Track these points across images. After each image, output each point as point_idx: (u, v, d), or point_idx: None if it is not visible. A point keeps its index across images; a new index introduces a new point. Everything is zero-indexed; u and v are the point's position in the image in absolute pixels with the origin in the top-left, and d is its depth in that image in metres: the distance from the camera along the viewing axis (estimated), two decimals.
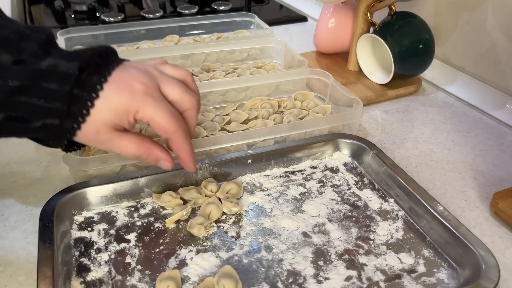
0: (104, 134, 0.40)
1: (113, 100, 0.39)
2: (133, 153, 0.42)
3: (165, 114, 0.41)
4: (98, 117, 0.39)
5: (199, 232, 0.48)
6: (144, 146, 0.43)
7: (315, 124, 0.62)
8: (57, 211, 0.47)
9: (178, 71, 0.46)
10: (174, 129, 0.42)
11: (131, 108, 0.40)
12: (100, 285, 0.43)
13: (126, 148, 0.42)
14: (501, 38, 0.73)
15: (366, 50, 0.81)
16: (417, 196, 0.51)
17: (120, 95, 0.39)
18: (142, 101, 0.40)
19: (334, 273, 0.44)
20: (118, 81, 0.40)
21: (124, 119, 0.40)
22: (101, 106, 0.39)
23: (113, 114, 0.39)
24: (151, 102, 0.40)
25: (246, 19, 1.00)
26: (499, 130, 0.71)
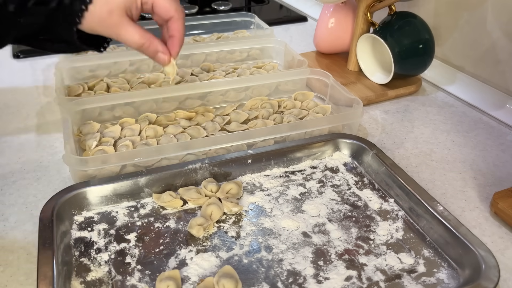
0: (116, 16, 0.43)
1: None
2: (137, 40, 0.45)
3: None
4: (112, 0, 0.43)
5: (198, 233, 0.48)
6: (146, 36, 0.46)
7: (315, 124, 0.62)
8: (57, 211, 0.47)
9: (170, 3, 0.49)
10: (175, 8, 0.46)
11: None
12: (100, 285, 0.43)
13: (131, 35, 0.45)
14: (501, 38, 0.73)
15: (366, 50, 0.81)
16: (417, 196, 0.51)
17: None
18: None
19: (334, 273, 0.44)
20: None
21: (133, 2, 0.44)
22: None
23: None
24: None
25: (246, 19, 1.00)
26: (499, 130, 0.71)
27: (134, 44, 0.45)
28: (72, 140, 0.56)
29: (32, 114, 0.71)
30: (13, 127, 0.67)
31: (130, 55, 0.79)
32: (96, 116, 0.66)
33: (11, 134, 0.66)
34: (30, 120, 0.69)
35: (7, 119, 0.69)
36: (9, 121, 0.69)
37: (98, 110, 0.65)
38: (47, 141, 0.64)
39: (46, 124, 0.68)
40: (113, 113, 0.66)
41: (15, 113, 0.71)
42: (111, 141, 0.60)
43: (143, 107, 0.68)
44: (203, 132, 0.63)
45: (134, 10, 0.45)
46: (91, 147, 0.58)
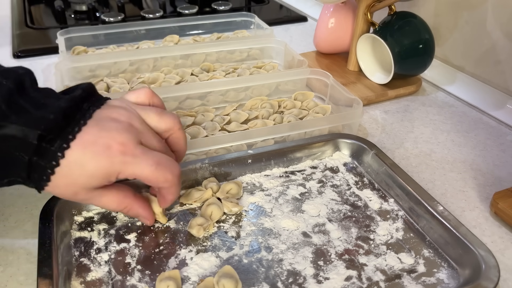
0: (83, 195, 0.40)
1: (90, 166, 0.38)
2: (114, 208, 0.43)
3: (149, 168, 0.40)
4: (73, 182, 0.38)
5: (198, 233, 0.47)
6: (124, 203, 0.43)
7: (315, 124, 0.62)
8: (57, 211, 0.47)
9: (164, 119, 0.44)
10: (163, 179, 0.41)
11: (111, 172, 0.39)
12: (100, 285, 0.43)
13: (106, 205, 0.43)
14: (501, 38, 0.73)
15: (366, 50, 0.81)
16: (417, 196, 0.51)
17: (96, 159, 0.38)
18: (122, 162, 0.39)
19: (334, 273, 0.44)
20: (93, 143, 0.38)
21: (104, 181, 0.40)
22: (75, 172, 0.38)
23: (91, 179, 0.39)
24: (131, 161, 0.39)
25: (246, 19, 1.00)
26: (499, 130, 0.71)
27: (113, 210, 0.44)
28: None
29: None
30: None
31: (130, 55, 0.79)
32: None
33: None
34: None
35: None
36: None
37: None
38: None
39: None
40: None
41: None
42: None
43: None
44: (203, 132, 0.63)
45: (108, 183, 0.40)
46: None
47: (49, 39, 0.96)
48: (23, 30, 1.00)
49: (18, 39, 0.95)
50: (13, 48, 0.91)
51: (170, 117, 0.45)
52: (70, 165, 0.37)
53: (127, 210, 0.44)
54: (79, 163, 0.38)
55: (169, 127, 0.45)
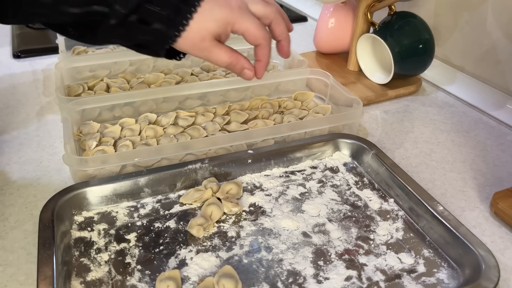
0: (207, 41, 0.47)
1: (216, 13, 0.46)
2: (225, 60, 0.49)
3: (256, 25, 0.48)
4: (205, 26, 0.46)
5: (198, 233, 0.48)
6: (234, 55, 0.49)
7: (315, 124, 0.62)
8: (57, 211, 0.47)
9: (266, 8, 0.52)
10: (263, 36, 0.49)
11: (230, 19, 0.47)
12: (100, 285, 0.43)
13: (220, 56, 0.49)
14: (501, 38, 0.73)
15: (366, 50, 0.81)
16: (417, 196, 0.51)
17: (221, 9, 0.47)
18: (239, 14, 0.47)
19: (334, 273, 0.44)
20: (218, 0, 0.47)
21: (223, 29, 0.47)
22: (207, 17, 0.46)
23: (216, 24, 0.46)
24: (245, 16, 0.48)
25: None
26: (499, 130, 0.71)
27: (222, 63, 0.49)
28: (72, 140, 0.56)
29: (32, 114, 0.71)
30: (13, 127, 0.67)
31: (130, 55, 0.79)
32: (96, 116, 0.66)
33: (11, 134, 0.66)
34: (30, 120, 0.69)
35: (7, 119, 0.69)
36: (9, 121, 0.69)
37: (98, 110, 0.65)
38: (47, 141, 0.64)
39: (46, 124, 0.68)
40: (113, 113, 0.66)
41: (15, 113, 0.71)
42: (111, 141, 0.60)
43: (143, 107, 0.68)
44: (203, 132, 0.63)
45: (224, 36, 0.48)
46: (91, 147, 0.58)
47: (49, 39, 0.96)
48: (23, 30, 1.00)
49: (18, 39, 0.95)
50: (13, 48, 0.91)
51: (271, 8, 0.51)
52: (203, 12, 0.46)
53: (235, 62, 0.50)
54: (209, 9, 0.46)
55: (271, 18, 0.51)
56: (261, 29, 0.49)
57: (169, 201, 0.53)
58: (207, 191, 0.52)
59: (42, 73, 0.83)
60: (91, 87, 0.73)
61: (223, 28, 0.47)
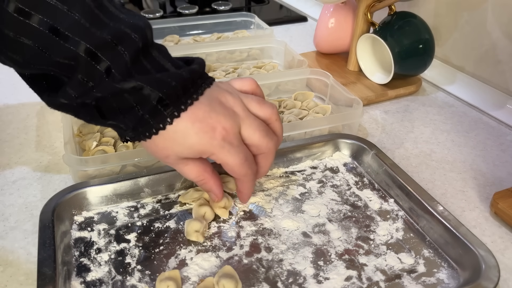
0: (171, 160, 0.43)
1: (191, 140, 0.41)
2: (192, 178, 0.45)
3: (239, 160, 0.43)
4: (171, 146, 0.41)
5: (198, 239, 0.47)
6: (203, 176, 0.45)
7: (315, 124, 0.62)
8: (57, 211, 0.47)
9: (264, 108, 0.46)
10: (244, 174, 0.44)
11: (207, 151, 0.42)
12: (100, 285, 0.43)
13: (187, 173, 0.45)
14: (501, 38, 0.73)
15: (366, 50, 0.81)
16: (417, 196, 0.51)
17: (199, 136, 0.41)
18: (220, 146, 0.42)
19: (334, 273, 0.44)
20: (201, 120, 0.41)
21: (195, 156, 0.43)
22: (177, 140, 0.41)
23: (187, 150, 0.41)
24: (228, 148, 0.42)
25: (246, 19, 1.00)
26: (499, 130, 0.71)
27: (190, 179, 0.46)
28: (72, 140, 0.56)
29: (32, 114, 0.71)
30: (13, 127, 0.67)
31: None
32: None
33: (11, 134, 0.66)
34: (30, 120, 0.69)
35: (7, 119, 0.69)
36: (9, 121, 0.69)
37: None
38: (47, 141, 0.64)
39: (46, 124, 0.68)
40: None
41: (15, 113, 0.71)
42: (111, 141, 0.60)
43: None
44: None
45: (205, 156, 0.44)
46: (91, 147, 0.58)
47: None
48: None
49: None
50: None
51: (270, 107, 0.46)
52: (174, 133, 0.40)
53: (202, 183, 0.46)
54: (184, 133, 0.40)
55: (268, 116, 0.46)
56: (244, 165, 0.43)
57: (169, 201, 0.53)
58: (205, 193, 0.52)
59: None
60: None
61: (194, 155, 0.42)
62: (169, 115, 0.40)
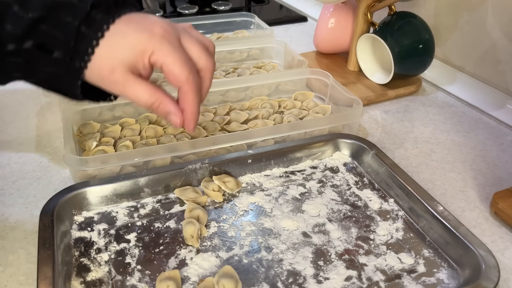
0: (119, 74, 0.39)
1: (130, 38, 0.39)
2: (145, 100, 0.41)
3: (180, 60, 0.40)
4: (113, 54, 0.38)
5: (193, 243, 0.47)
6: (157, 95, 0.41)
7: (315, 124, 0.62)
8: (57, 211, 0.47)
9: (203, 37, 0.44)
10: (186, 77, 0.40)
11: (147, 47, 0.39)
12: (100, 285, 0.43)
13: (139, 94, 0.40)
14: (501, 38, 0.73)
15: (366, 50, 0.81)
16: (417, 196, 0.51)
17: (137, 33, 0.39)
18: (159, 42, 0.39)
19: (334, 273, 0.44)
20: (137, 22, 0.39)
21: (139, 59, 0.39)
22: (118, 44, 0.38)
23: (129, 52, 0.39)
24: (168, 45, 0.39)
25: (246, 19, 1.00)
26: (499, 130, 0.71)
27: (142, 103, 0.41)
28: (72, 140, 0.56)
29: (32, 114, 0.71)
30: (13, 127, 0.67)
31: None
32: (96, 116, 0.66)
33: (11, 134, 0.66)
34: (30, 120, 0.69)
35: (7, 119, 0.69)
36: (9, 121, 0.69)
37: (98, 110, 0.65)
38: (47, 141, 0.64)
39: (46, 124, 0.68)
40: (113, 113, 0.66)
41: (15, 113, 0.71)
42: (111, 141, 0.60)
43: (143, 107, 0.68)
44: (203, 132, 0.63)
45: (142, 69, 0.40)
46: (91, 147, 0.58)
47: None
48: None
49: None
50: None
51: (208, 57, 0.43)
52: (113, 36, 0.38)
53: (158, 103, 0.41)
54: (122, 32, 0.39)
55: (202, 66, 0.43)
56: (185, 66, 0.40)
57: (169, 201, 0.53)
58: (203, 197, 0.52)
59: None
60: None
61: (136, 57, 0.39)
62: (104, 20, 0.38)
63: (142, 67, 0.40)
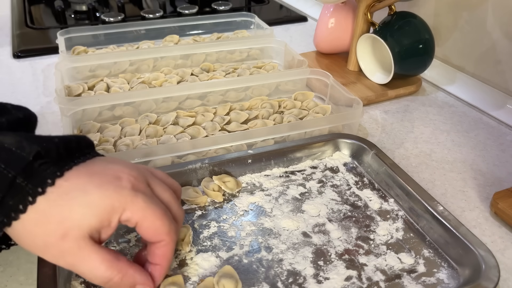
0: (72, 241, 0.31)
1: (93, 196, 0.32)
2: (101, 274, 0.32)
3: (159, 212, 0.34)
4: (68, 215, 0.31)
5: (183, 248, 0.46)
6: (117, 266, 0.33)
7: (315, 124, 0.62)
8: None
9: (170, 179, 0.41)
10: (168, 229, 0.35)
11: (117, 205, 0.32)
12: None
13: (93, 267, 0.32)
14: (501, 38, 0.73)
15: (366, 50, 0.81)
16: (417, 196, 0.51)
17: (102, 189, 0.32)
18: (131, 196, 0.33)
19: (334, 273, 0.44)
20: (100, 174, 0.33)
21: (105, 221, 0.32)
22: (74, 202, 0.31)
23: (91, 214, 0.31)
24: (142, 198, 0.33)
25: (246, 19, 1.00)
26: (499, 130, 0.71)
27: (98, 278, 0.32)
28: None
29: None
30: None
31: (130, 55, 0.79)
32: (96, 116, 0.66)
33: None
34: None
35: None
36: None
37: (98, 110, 0.65)
38: None
39: (46, 124, 0.68)
40: (113, 113, 0.66)
41: None
42: (111, 141, 0.60)
43: (143, 107, 0.68)
44: (203, 132, 0.63)
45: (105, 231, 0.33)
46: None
47: (49, 39, 0.96)
48: (23, 30, 1.00)
49: (18, 39, 0.95)
50: (13, 48, 0.91)
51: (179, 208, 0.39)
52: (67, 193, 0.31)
53: (120, 277, 0.33)
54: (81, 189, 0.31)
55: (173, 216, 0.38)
56: (165, 217, 0.34)
57: None
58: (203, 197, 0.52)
59: (42, 73, 0.83)
60: (91, 87, 0.73)
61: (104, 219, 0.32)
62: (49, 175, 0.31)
63: (106, 230, 0.33)
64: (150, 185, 0.37)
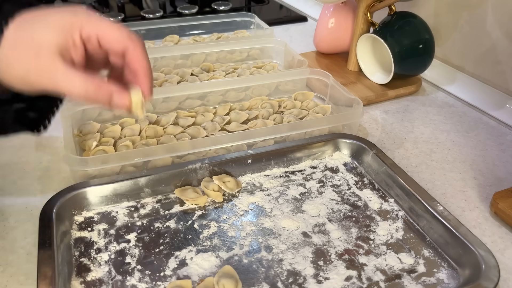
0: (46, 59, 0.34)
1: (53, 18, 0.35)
2: (78, 87, 0.35)
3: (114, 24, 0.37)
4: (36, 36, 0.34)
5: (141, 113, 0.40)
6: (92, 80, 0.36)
7: (315, 124, 0.62)
8: (57, 211, 0.47)
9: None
10: (127, 34, 0.37)
11: (74, 22, 0.35)
12: (100, 285, 0.43)
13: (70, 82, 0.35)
14: (501, 38, 0.73)
15: (366, 50, 0.81)
16: (417, 196, 0.51)
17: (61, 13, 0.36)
18: (86, 15, 0.36)
19: (334, 273, 0.44)
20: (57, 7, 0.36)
21: (68, 37, 0.35)
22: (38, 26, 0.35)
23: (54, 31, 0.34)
24: (95, 15, 0.36)
25: (246, 19, 1.00)
26: (499, 130, 0.71)
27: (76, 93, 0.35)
28: (72, 140, 0.56)
29: None
30: None
31: None
32: (96, 116, 0.66)
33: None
34: None
35: None
36: None
37: (98, 110, 0.65)
38: (47, 141, 0.64)
39: None
40: (113, 113, 0.66)
41: None
42: (111, 141, 0.60)
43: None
44: (203, 132, 0.63)
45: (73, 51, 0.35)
46: (91, 147, 0.58)
47: None
48: None
49: None
50: None
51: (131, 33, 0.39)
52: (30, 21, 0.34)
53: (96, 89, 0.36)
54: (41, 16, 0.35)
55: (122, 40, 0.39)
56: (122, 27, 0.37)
57: (169, 201, 0.53)
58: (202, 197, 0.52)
59: None
60: None
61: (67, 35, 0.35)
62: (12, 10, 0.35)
63: (72, 47, 0.35)
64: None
